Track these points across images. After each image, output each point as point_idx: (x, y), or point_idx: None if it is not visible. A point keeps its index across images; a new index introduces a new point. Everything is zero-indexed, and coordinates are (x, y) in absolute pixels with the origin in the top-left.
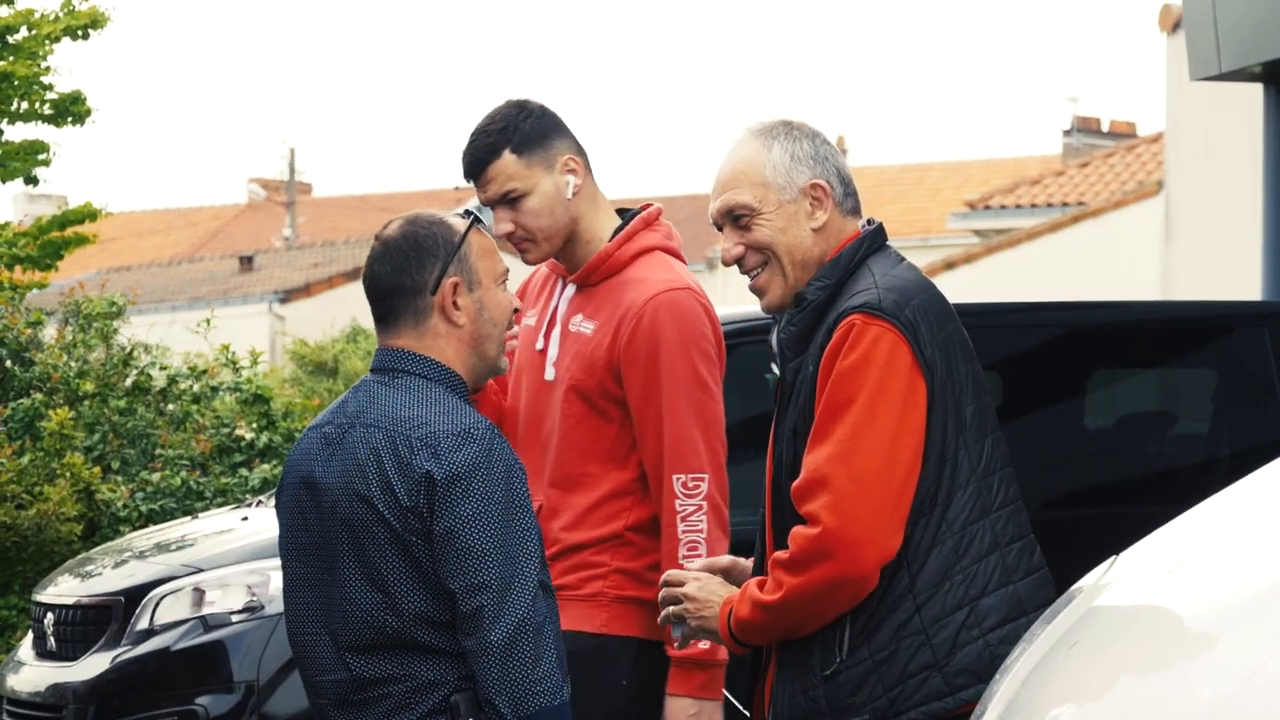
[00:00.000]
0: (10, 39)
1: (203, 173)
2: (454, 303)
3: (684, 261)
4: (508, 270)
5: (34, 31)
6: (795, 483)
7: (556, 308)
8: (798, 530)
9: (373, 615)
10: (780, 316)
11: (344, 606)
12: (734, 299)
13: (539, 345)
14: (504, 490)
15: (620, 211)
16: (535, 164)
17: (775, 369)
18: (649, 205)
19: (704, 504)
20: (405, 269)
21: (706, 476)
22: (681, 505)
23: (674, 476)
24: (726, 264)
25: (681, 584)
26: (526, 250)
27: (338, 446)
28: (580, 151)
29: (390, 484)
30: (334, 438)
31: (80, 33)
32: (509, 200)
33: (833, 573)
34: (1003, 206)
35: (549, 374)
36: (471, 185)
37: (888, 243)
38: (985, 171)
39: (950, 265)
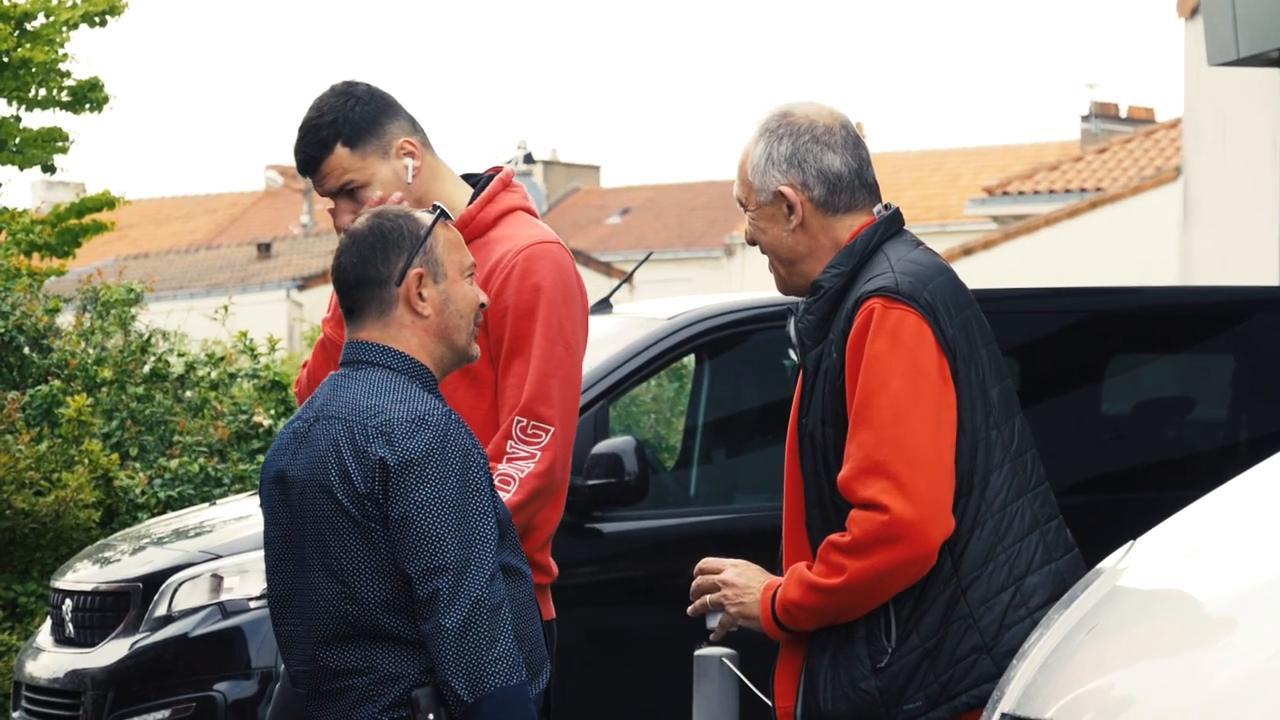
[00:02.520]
0: (28, 26)
1: (220, 159)
2: (419, 294)
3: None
4: (474, 263)
5: (52, 18)
6: (846, 471)
7: None
8: (861, 515)
9: (335, 605)
10: (798, 306)
11: (311, 598)
12: (750, 285)
13: None
14: (459, 475)
15: (466, 177)
16: (370, 153)
17: (794, 356)
18: (496, 169)
19: (537, 454)
20: (370, 260)
21: (552, 430)
22: (513, 448)
23: (516, 419)
24: (749, 243)
25: (718, 570)
26: None
27: (304, 441)
28: (415, 129)
29: (348, 472)
30: (301, 432)
31: (98, 19)
32: (348, 192)
33: (902, 555)
34: (1021, 192)
35: None
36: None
37: (905, 228)
38: (1003, 157)
39: (968, 251)
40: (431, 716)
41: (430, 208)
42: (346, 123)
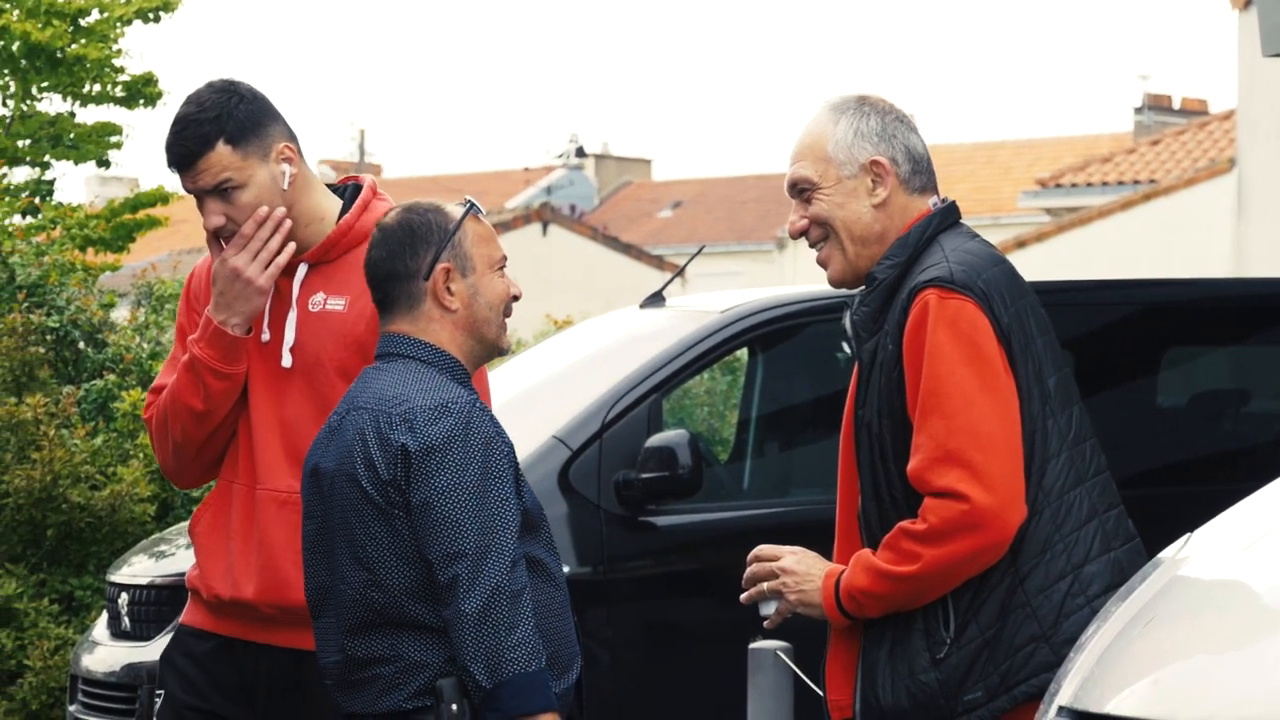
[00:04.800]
0: (83, 22)
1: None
2: (447, 288)
3: None
4: (505, 257)
5: (106, 14)
6: (917, 461)
7: (287, 293)
8: (938, 503)
9: (362, 593)
10: (853, 299)
11: (339, 588)
12: (802, 279)
13: (265, 337)
14: (481, 462)
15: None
16: (251, 154)
17: (848, 349)
18: (353, 177)
19: None
20: (399, 255)
21: None
22: None
23: None
24: (793, 236)
25: (775, 558)
26: None
27: (336, 433)
28: (293, 136)
29: (372, 460)
30: (334, 426)
31: (152, 15)
32: (221, 191)
33: (980, 543)
34: (1074, 185)
35: (285, 361)
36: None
37: (960, 220)
38: (1056, 149)
39: (1021, 244)
40: (455, 706)
41: (462, 200)
42: (230, 120)
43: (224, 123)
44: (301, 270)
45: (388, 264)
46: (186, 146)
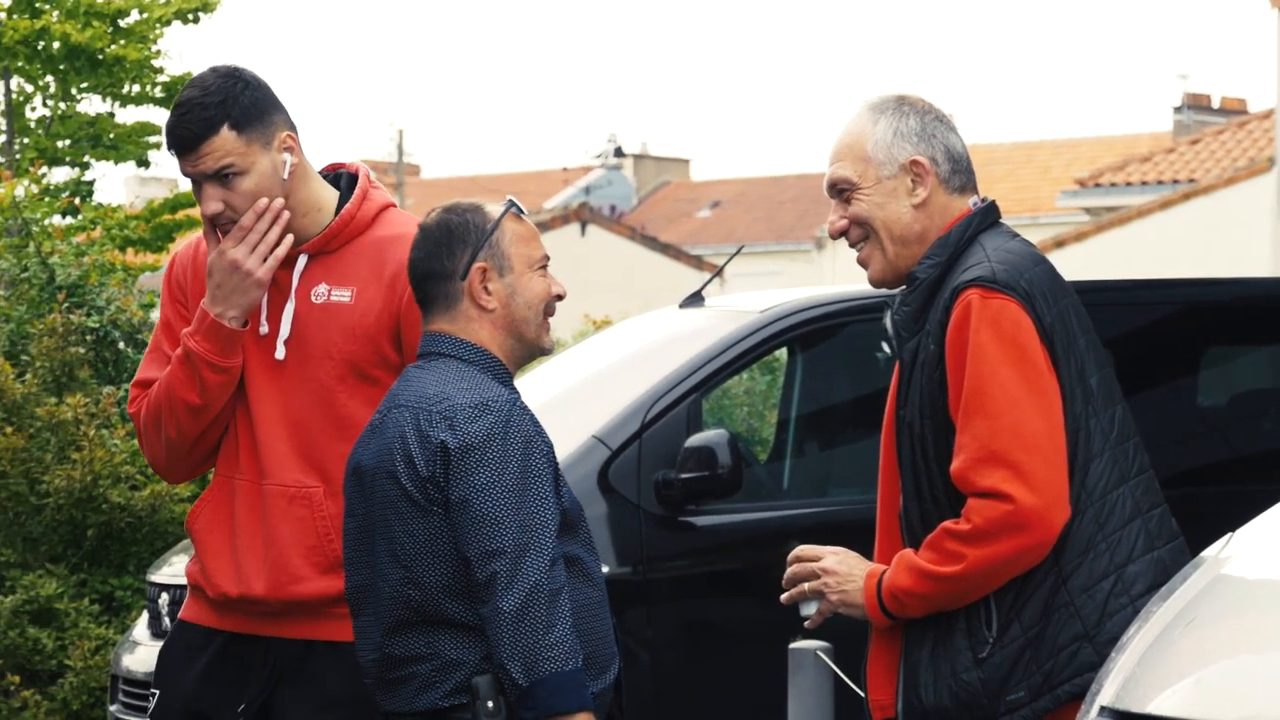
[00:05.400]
0: (122, 23)
1: (312, 155)
2: (484, 287)
3: None
4: (546, 256)
5: (145, 15)
6: (960, 461)
7: (285, 284)
8: (982, 504)
9: (399, 590)
10: (894, 299)
11: (378, 585)
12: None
13: (263, 329)
14: (520, 461)
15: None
16: (254, 141)
17: (887, 349)
18: (341, 165)
19: None
20: (437, 255)
21: None
22: None
23: None
24: (832, 236)
25: (816, 558)
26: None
27: (377, 432)
28: (294, 126)
29: (411, 457)
30: (375, 424)
31: (191, 16)
32: (222, 176)
33: (1025, 543)
34: (1113, 184)
35: (279, 353)
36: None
37: (1000, 220)
38: (1095, 149)
39: (1060, 243)
40: (490, 704)
41: (504, 201)
42: (236, 105)
43: (229, 107)
44: (301, 261)
45: (426, 263)
46: (190, 129)
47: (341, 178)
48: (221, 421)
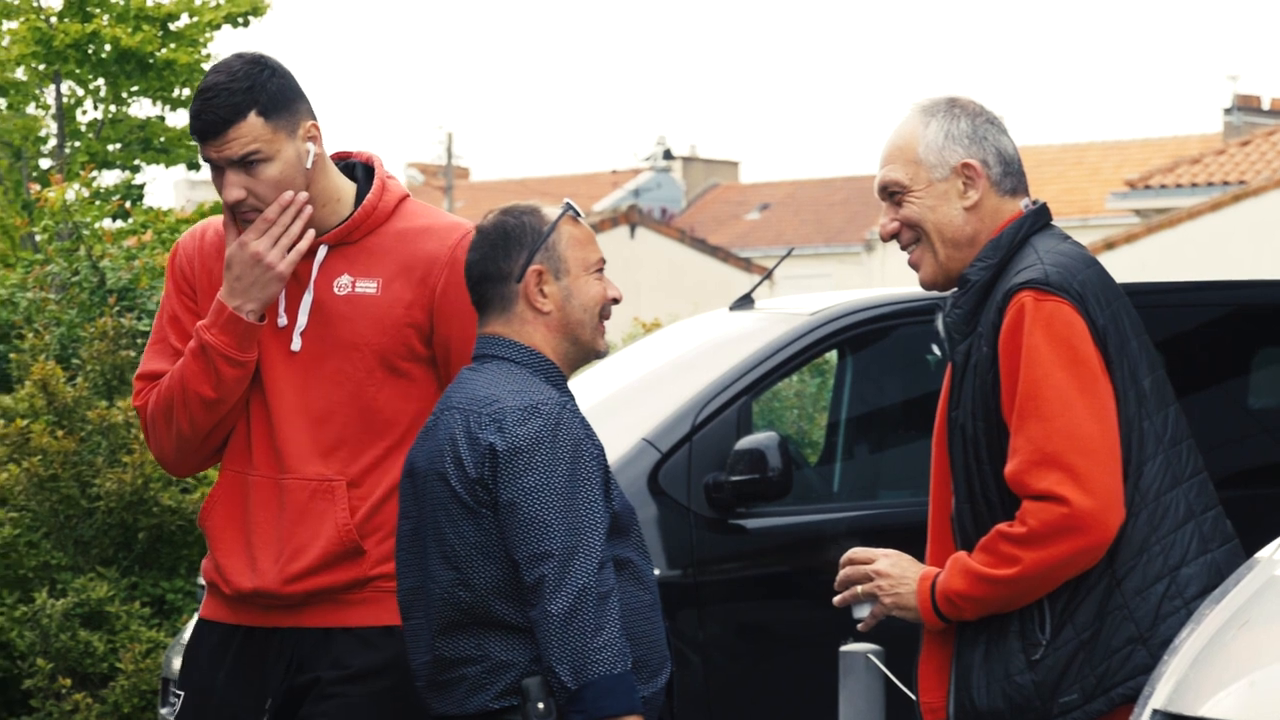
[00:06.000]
0: (172, 27)
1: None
2: (539, 290)
3: None
4: (602, 259)
5: (195, 19)
6: (1015, 464)
7: (304, 276)
8: (1037, 506)
9: (450, 592)
10: (945, 301)
11: (429, 587)
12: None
13: (281, 321)
14: (569, 464)
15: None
16: (281, 129)
17: (936, 352)
18: (350, 153)
19: None
20: (493, 257)
21: None
22: None
23: None
24: (883, 239)
25: (869, 561)
26: (251, 222)
27: (430, 433)
28: (315, 116)
29: (461, 459)
30: (429, 426)
31: (240, 20)
32: (247, 163)
33: (1080, 545)
34: (1163, 186)
35: (295, 344)
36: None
37: (1051, 222)
38: (1145, 151)
39: (1110, 245)
40: (541, 705)
41: (562, 203)
42: (263, 92)
43: (256, 93)
44: (321, 252)
45: (482, 265)
46: (218, 114)
47: (356, 167)
48: (235, 415)
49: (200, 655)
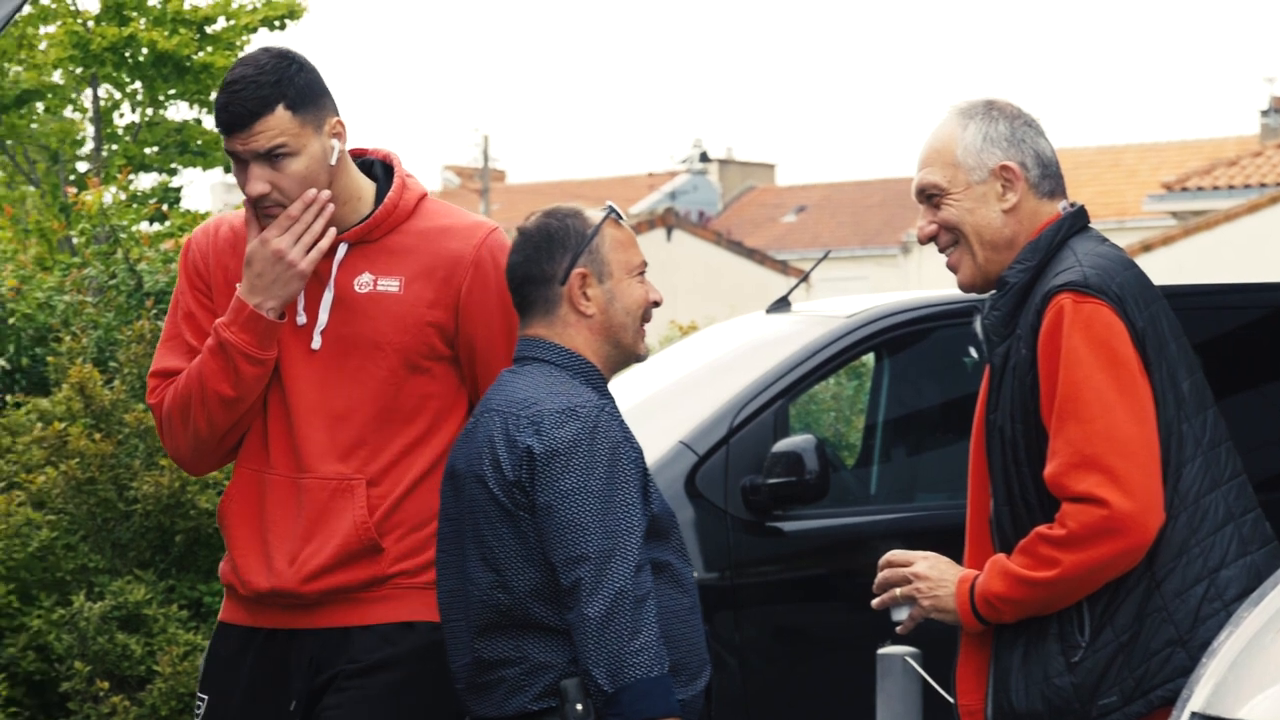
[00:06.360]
0: (209, 30)
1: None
2: (583, 293)
3: None
4: (644, 263)
5: (232, 22)
6: (1054, 466)
7: (324, 274)
8: (1076, 509)
9: (488, 594)
10: (984, 303)
11: (468, 588)
12: (927, 283)
13: (300, 320)
14: (607, 467)
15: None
16: (308, 124)
17: (974, 354)
18: (365, 150)
19: None
20: (536, 260)
21: None
22: None
23: None
24: (921, 241)
25: (908, 563)
26: (274, 218)
27: (469, 436)
28: (340, 114)
29: (499, 461)
30: (469, 428)
31: (277, 23)
32: (272, 157)
33: (1120, 548)
34: (1199, 188)
35: (315, 343)
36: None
37: (1090, 225)
38: (1181, 153)
39: (1147, 248)
40: (579, 706)
41: (604, 206)
42: (291, 85)
43: (284, 87)
44: (341, 250)
45: (525, 268)
46: (245, 106)
47: (374, 165)
48: (252, 414)
49: (221, 659)
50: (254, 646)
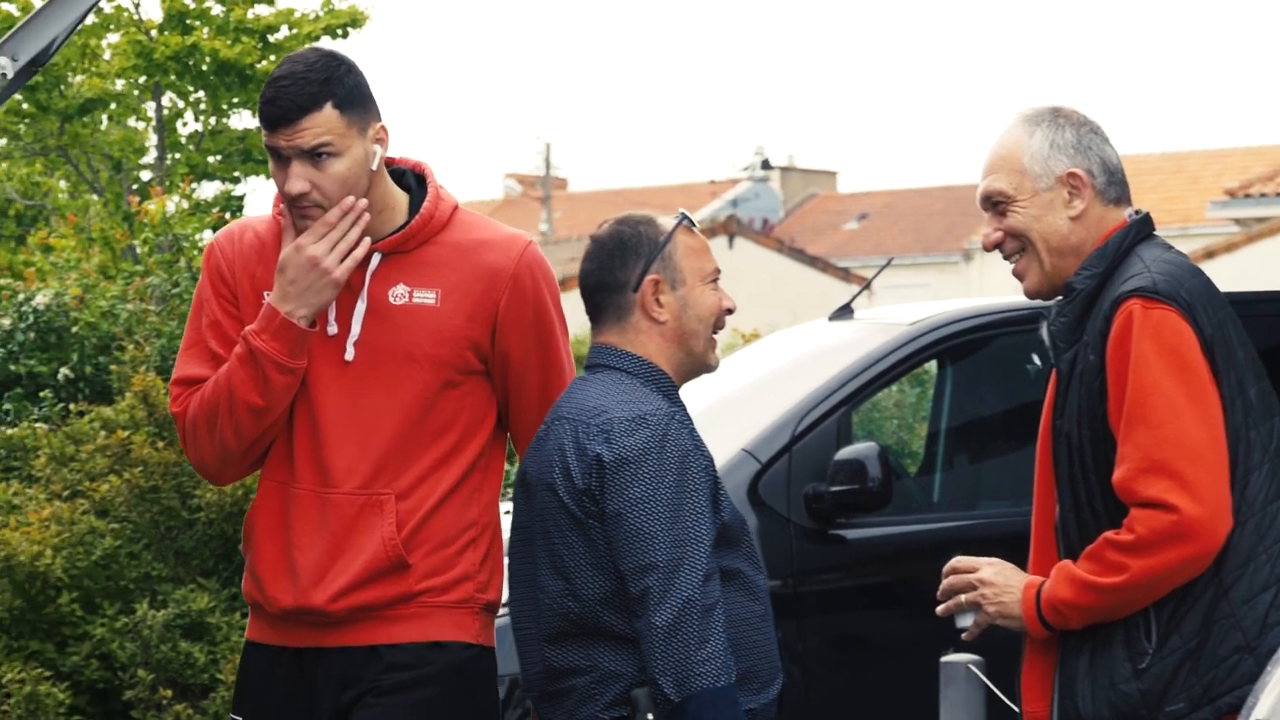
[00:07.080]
0: (271, 38)
1: (460, 168)
2: (656, 300)
3: None
4: (717, 270)
5: (294, 31)
6: (1123, 471)
7: (356, 284)
8: (1145, 514)
9: (558, 602)
10: (1050, 310)
11: (538, 596)
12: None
13: (331, 330)
14: (676, 475)
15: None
16: (354, 125)
17: (1036, 361)
18: (395, 160)
19: None
20: (609, 267)
21: None
22: None
23: None
24: (987, 249)
25: (973, 570)
26: (310, 219)
27: (541, 443)
28: (383, 120)
29: (569, 469)
30: (541, 435)
31: (340, 31)
32: (315, 155)
33: (1188, 553)
34: (1263, 194)
35: (349, 354)
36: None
37: (1155, 232)
38: (1245, 159)
39: (1210, 254)
40: (650, 716)
41: (677, 213)
42: (340, 85)
43: (334, 86)
44: (375, 260)
45: (598, 275)
46: (294, 101)
47: (406, 175)
48: (280, 424)
49: (251, 678)
50: (283, 666)
